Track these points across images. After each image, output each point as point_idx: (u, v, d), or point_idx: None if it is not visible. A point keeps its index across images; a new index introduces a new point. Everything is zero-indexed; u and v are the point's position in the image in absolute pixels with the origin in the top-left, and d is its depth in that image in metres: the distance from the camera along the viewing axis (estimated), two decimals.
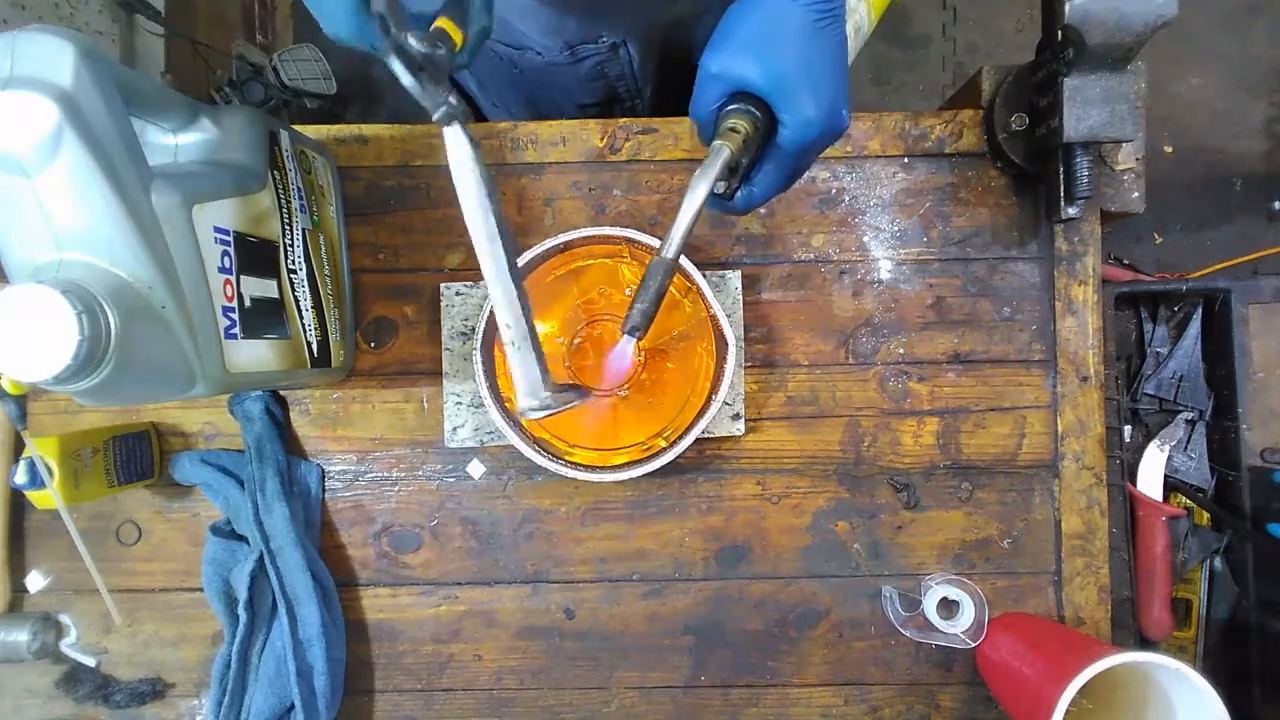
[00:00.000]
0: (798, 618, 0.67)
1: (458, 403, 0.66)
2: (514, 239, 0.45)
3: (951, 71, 1.67)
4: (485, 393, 0.61)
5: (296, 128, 0.59)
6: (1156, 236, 1.59)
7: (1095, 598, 0.66)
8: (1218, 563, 0.74)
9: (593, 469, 0.62)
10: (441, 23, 0.41)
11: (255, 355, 0.50)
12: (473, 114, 0.91)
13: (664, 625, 0.67)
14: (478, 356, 0.61)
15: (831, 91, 0.42)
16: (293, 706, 0.61)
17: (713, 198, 0.45)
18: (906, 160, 0.67)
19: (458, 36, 0.42)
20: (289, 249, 0.55)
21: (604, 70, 0.70)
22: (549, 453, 0.62)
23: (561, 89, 0.73)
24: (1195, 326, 0.74)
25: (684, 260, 0.60)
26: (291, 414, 0.67)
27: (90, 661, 0.66)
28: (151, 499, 0.67)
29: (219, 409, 0.66)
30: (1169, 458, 0.74)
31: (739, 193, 0.46)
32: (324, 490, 0.67)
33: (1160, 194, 1.56)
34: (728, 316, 0.61)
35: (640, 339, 0.44)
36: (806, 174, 0.66)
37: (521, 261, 0.61)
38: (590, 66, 0.69)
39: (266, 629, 0.63)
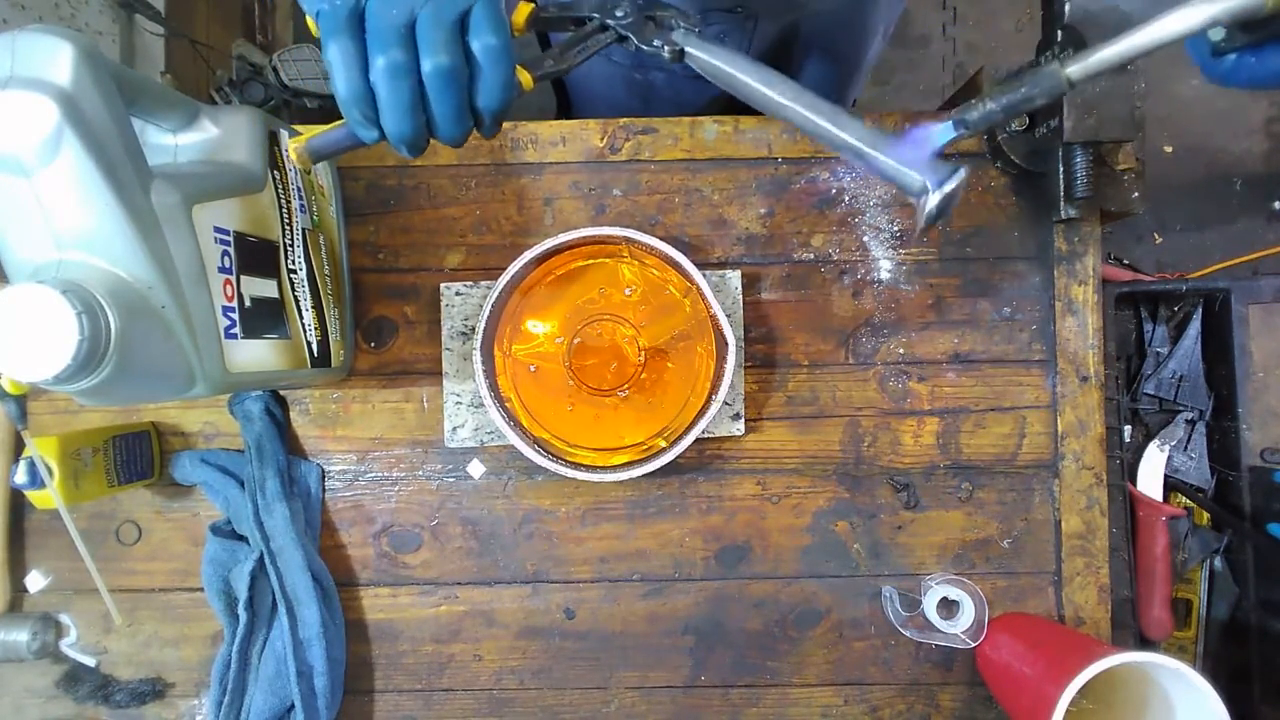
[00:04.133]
0: (798, 618, 0.67)
1: (458, 403, 0.66)
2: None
3: (951, 71, 1.67)
4: (485, 393, 0.61)
5: (296, 128, 0.59)
6: (1156, 236, 1.59)
7: (1095, 598, 0.66)
8: (1218, 563, 0.74)
9: (593, 469, 0.62)
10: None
11: (255, 355, 0.50)
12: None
13: (664, 625, 0.67)
14: (478, 356, 0.61)
15: None
16: (293, 706, 0.61)
17: (1199, 41, 0.37)
18: None
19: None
20: (289, 249, 0.55)
21: (724, 40, 0.70)
22: (549, 453, 0.62)
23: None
24: (1195, 326, 0.74)
25: (684, 260, 0.60)
26: (291, 414, 0.67)
27: (90, 661, 0.66)
28: (151, 499, 0.67)
29: (219, 409, 0.66)
30: (1169, 458, 0.74)
31: (1234, 57, 0.37)
32: (324, 490, 0.67)
33: (1160, 194, 1.56)
34: (728, 316, 0.61)
35: (965, 137, 0.41)
36: (808, 175, 0.67)
37: (521, 262, 0.61)
38: (713, 35, 0.69)
39: (266, 629, 0.63)
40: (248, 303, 0.49)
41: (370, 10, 0.36)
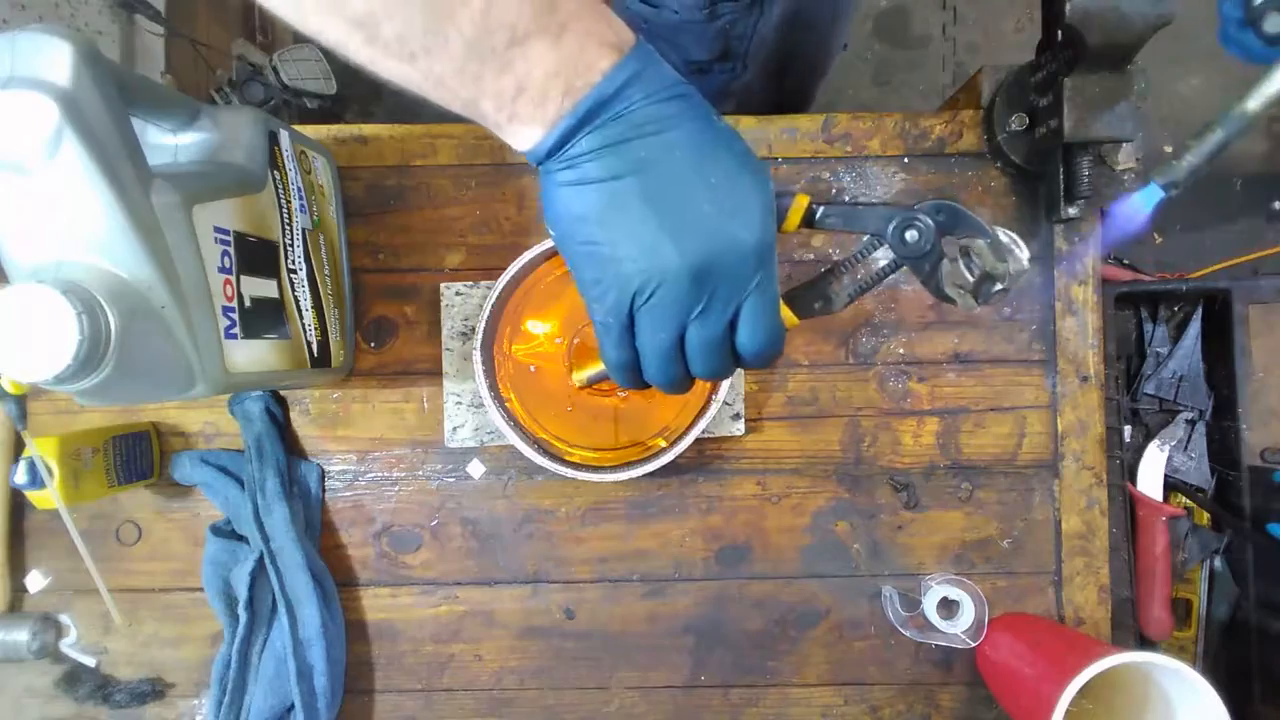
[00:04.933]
0: (798, 618, 0.67)
1: (458, 403, 0.66)
2: None
3: (951, 71, 1.67)
4: (485, 393, 0.61)
5: (296, 128, 0.59)
6: (1156, 236, 1.59)
7: (1095, 598, 0.66)
8: (1218, 563, 0.74)
9: (593, 469, 0.62)
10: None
11: (255, 355, 0.50)
12: None
13: (664, 625, 0.67)
14: (478, 356, 0.61)
15: None
16: (293, 706, 0.61)
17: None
18: (906, 160, 0.67)
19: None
20: (289, 249, 0.55)
21: (731, 28, 0.70)
22: (549, 453, 0.62)
23: (680, 46, 0.72)
24: (1195, 326, 0.74)
25: None
26: (291, 414, 0.67)
27: (90, 661, 0.66)
28: (151, 499, 0.67)
29: (219, 409, 0.66)
30: (1169, 458, 0.74)
31: None
32: (324, 490, 0.67)
33: None
34: None
35: (1174, 194, 0.42)
36: (808, 175, 0.67)
37: (522, 261, 0.61)
38: (720, 25, 0.69)
39: (266, 629, 0.63)
40: (248, 303, 0.49)
41: (640, 332, 0.37)
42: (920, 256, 0.41)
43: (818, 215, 0.41)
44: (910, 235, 0.41)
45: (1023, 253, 0.41)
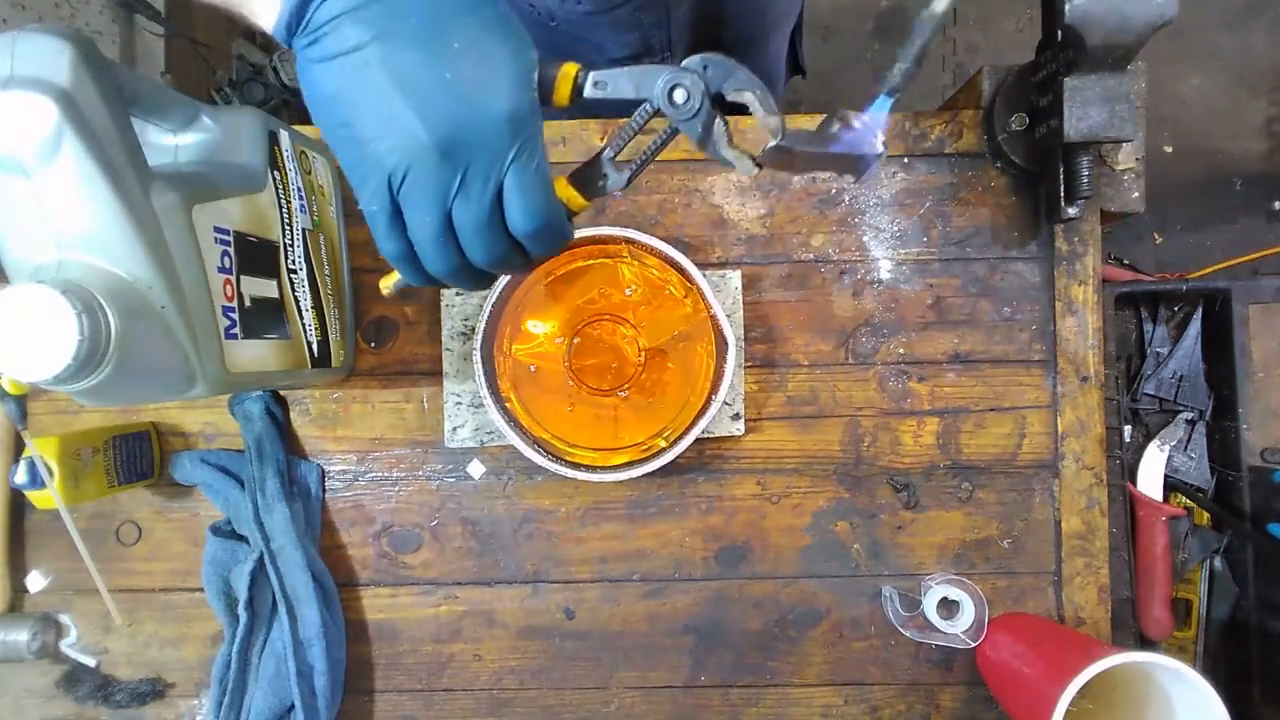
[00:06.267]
0: (798, 618, 0.67)
1: (458, 403, 0.66)
2: None
3: (951, 71, 1.67)
4: (485, 393, 0.61)
5: (296, 128, 0.59)
6: (1156, 236, 1.59)
7: (1095, 598, 0.66)
8: (1218, 563, 0.74)
9: (593, 469, 0.62)
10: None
11: (255, 355, 0.50)
12: None
13: (664, 625, 0.67)
14: (478, 356, 0.61)
15: None
16: (293, 706, 0.61)
17: None
18: (906, 160, 0.67)
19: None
20: (289, 249, 0.55)
21: (640, 18, 0.68)
22: (549, 453, 0.62)
23: (594, 43, 0.71)
24: (1195, 326, 0.74)
25: (684, 260, 0.60)
26: (291, 414, 0.67)
27: (90, 661, 0.66)
28: (151, 499, 0.67)
29: (219, 409, 0.66)
30: (1169, 458, 0.74)
31: None
32: (324, 490, 0.67)
33: (1160, 194, 1.56)
34: (728, 316, 0.61)
35: (899, 98, 0.40)
36: (807, 174, 0.67)
37: None
38: (627, 14, 0.68)
39: (266, 629, 0.63)
40: (248, 303, 0.49)
41: (407, 219, 0.35)
42: (692, 117, 0.39)
43: (587, 84, 0.39)
44: (678, 95, 0.38)
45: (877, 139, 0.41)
